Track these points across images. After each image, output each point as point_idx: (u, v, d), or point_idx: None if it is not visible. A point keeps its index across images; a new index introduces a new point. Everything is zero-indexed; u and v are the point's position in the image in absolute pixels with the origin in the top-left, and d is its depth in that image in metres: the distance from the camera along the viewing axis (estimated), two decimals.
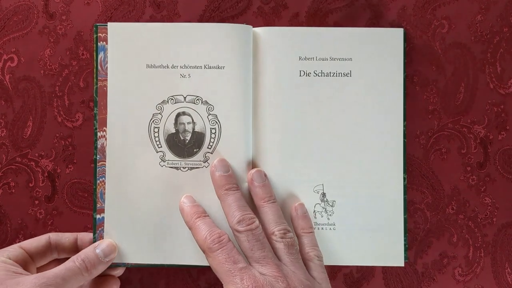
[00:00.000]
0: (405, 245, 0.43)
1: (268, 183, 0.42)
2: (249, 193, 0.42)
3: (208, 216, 0.40)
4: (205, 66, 0.42)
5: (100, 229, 0.42)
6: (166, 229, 0.42)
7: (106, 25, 0.42)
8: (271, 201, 0.40)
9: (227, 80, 0.42)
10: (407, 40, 0.45)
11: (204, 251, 0.38)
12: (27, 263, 0.40)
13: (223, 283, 0.36)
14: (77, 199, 0.45)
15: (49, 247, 0.41)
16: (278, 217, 0.40)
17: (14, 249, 0.39)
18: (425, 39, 0.45)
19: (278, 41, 0.43)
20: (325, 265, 0.40)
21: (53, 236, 0.42)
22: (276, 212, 0.40)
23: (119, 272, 0.43)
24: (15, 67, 0.45)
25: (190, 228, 0.40)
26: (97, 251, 0.40)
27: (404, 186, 0.43)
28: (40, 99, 0.45)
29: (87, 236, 0.43)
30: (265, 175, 0.42)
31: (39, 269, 0.41)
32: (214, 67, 0.42)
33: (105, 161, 0.42)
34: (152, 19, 0.45)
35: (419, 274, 0.46)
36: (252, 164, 0.43)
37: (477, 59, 0.45)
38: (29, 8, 0.45)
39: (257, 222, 0.39)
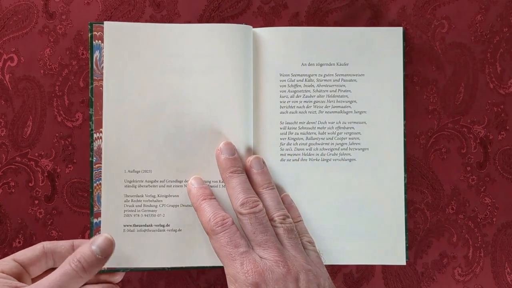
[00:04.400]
0: (406, 244, 0.43)
1: (267, 170, 0.42)
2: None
3: (214, 198, 0.40)
4: (204, 67, 0.42)
5: (97, 233, 0.41)
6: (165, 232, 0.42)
7: (101, 24, 0.42)
8: (269, 188, 0.40)
9: (227, 80, 0.42)
10: (407, 40, 0.45)
11: (207, 233, 0.38)
12: (22, 275, 0.38)
13: (224, 266, 0.36)
14: (77, 199, 0.45)
15: (44, 256, 0.40)
16: (277, 203, 0.40)
17: (7, 262, 0.38)
18: (425, 39, 0.45)
19: (278, 41, 0.43)
20: (326, 265, 0.40)
21: (48, 245, 0.40)
22: (275, 198, 0.40)
23: (118, 278, 0.42)
24: (15, 66, 0.45)
25: (195, 210, 0.40)
26: (93, 247, 0.38)
27: (404, 186, 0.43)
28: (40, 99, 0.45)
29: (83, 242, 0.41)
30: (264, 162, 0.42)
31: (34, 280, 0.39)
32: (214, 67, 0.42)
33: (101, 163, 0.42)
34: (152, 19, 0.45)
35: (419, 274, 0.46)
36: (253, 151, 0.43)
37: (477, 59, 0.45)
38: (29, 7, 0.45)
39: (260, 205, 0.38)
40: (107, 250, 0.38)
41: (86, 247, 0.38)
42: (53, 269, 0.40)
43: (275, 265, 0.36)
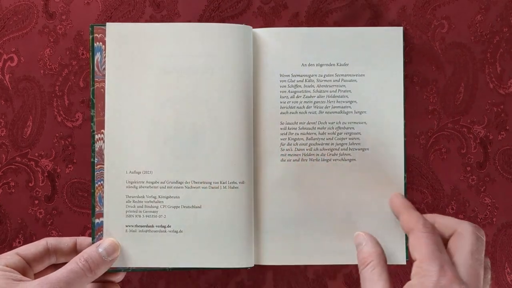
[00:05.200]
0: (406, 244, 0.43)
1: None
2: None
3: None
4: (204, 67, 0.42)
5: (99, 233, 0.42)
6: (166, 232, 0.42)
7: (103, 26, 0.42)
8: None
9: (227, 80, 0.42)
10: (407, 40, 0.45)
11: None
12: (25, 269, 0.38)
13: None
14: (77, 199, 0.45)
15: (47, 253, 0.40)
16: None
17: (11, 256, 0.38)
18: (425, 39, 0.45)
19: (277, 41, 0.43)
20: (326, 265, 0.40)
21: (51, 241, 0.40)
22: None
23: (119, 278, 0.42)
24: (15, 66, 0.45)
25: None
26: (100, 250, 0.39)
27: (404, 186, 0.43)
28: (40, 99, 0.45)
29: (86, 240, 0.42)
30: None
31: (37, 275, 0.40)
32: (214, 67, 0.42)
33: (103, 164, 0.42)
34: (152, 19, 0.45)
35: None
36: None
37: (477, 59, 0.45)
38: (29, 7, 0.45)
39: None
40: (113, 253, 0.40)
41: (93, 249, 0.39)
42: (55, 265, 0.41)
43: None
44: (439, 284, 0.32)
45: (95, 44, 0.42)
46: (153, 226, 0.42)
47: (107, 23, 0.42)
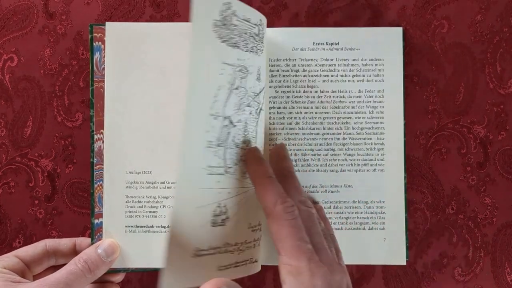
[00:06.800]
0: (406, 244, 0.43)
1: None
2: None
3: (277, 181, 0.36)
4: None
5: (98, 234, 0.42)
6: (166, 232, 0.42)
7: (102, 25, 0.42)
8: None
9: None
10: (407, 40, 0.45)
11: (269, 214, 0.34)
12: (24, 271, 0.38)
13: (282, 253, 0.33)
14: (77, 199, 0.45)
15: (46, 254, 0.40)
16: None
17: (9, 258, 0.38)
18: (424, 39, 0.45)
19: (277, 41, 0.43)
20: None
21: (50, 243, 0.40)
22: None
23: (119, 278, 0.42)
24: (15, 66, 0.45)
25: (256, 184, 0.36)
26: (99, 251, 0.39)
27: (404, 186, 0.43)
28: (40, 99, 0.45)
29: (85, 241, 0.42)
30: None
31: (36, 277, 0.39)
32: None
33: (102, 165, 0.42)
34: (152, 19, 0.45)
35: (419, 274, 0.46)
36: None
37: (477, 59, 0.45)
38: (29, 7, 0.45)
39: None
40: (113, 254, 0.40)
41: (92, 250, 0.39)
42: (54, 267, 0.40)
43: (330, 271, 0.33)
44: (313, 280, 0.31)
45: (94, 44, 0.42)
46: (153, 227, 0.42)
47: (107, 23, 0.42)
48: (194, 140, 0.34)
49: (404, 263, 0.43)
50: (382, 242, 0.43)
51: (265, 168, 0.36)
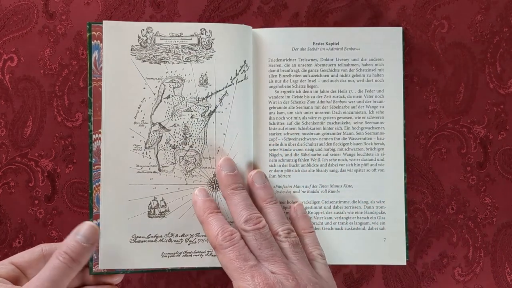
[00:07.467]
0: (406, 244, 0.43)
1: (269, 184, 0.42)
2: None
3: (220, 212, 0.40)
4: (204, 67, 0.42)
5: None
6: None
7: (100, 23, 0.42)
8: (272, 202, 0.40)
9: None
10: (407, 40, 0.45)
11: (214, 247, 0.38)
12: (19, 278, 0.38)
13: (232, 280, 0.36)
14: (76, 199, 0.45)
15: (43, 259, 0.39)
16: (281, 217, 0.40)
17: (4, 266, 0.37)
18: (425, 39, 0.45)
19: (277, 42, 0.43)
20: None
21: (46, 247, 0.40)
22: (278, 212, 0.40)
23: (118, 279, 0.42)
24: (15, 66, 0.45)
25: (201, 222, 0.39)
26: (78, 237, 0.37)
27: (404, 186, 0.43)
28: (39, 99, 0.45)
29: None
30: (266, 176, 0.42)
31: None
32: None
33: (100, 165, 0.41)
34: (152, 19, 0.45)
35: (419, 274, 0.46)
36: (254, 166, 0.43)
37: (477, 59, 0.45)
38: (29, 7, 0.45)
39: (263, 221, 0.38)
40: (92, 237, 0.38)
41: (71, 238, 0.37)
42: None
43: (284, 278, 0.35)
44: None
45: (92, 42, 0.42)
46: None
47: (104, 21, 0.42)
48: (121, 144, 0.41)
49: (404, 263, 0.43)
50: (382, 242, 0.43)
51: (209, 204, 0.40)
